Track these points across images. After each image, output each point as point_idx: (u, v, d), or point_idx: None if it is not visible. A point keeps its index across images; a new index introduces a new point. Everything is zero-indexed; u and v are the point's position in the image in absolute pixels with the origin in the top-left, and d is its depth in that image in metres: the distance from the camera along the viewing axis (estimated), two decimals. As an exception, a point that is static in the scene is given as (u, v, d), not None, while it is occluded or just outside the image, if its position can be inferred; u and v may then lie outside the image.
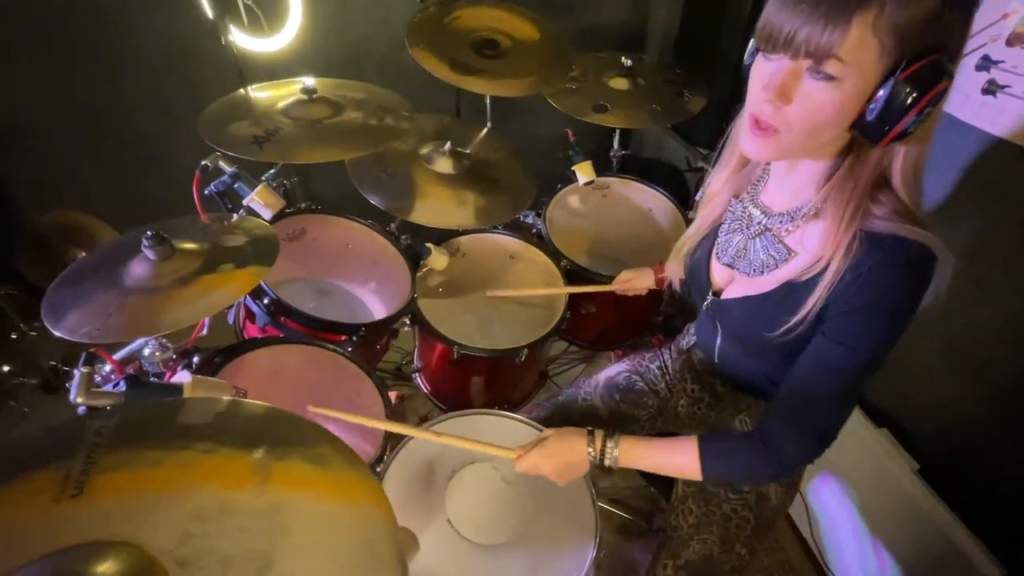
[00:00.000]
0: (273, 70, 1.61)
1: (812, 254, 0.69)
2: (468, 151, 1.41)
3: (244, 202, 0.99)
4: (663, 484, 1.13)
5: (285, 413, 0.53)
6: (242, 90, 1.20)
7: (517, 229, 1.62)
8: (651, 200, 1.60)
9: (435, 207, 1.26)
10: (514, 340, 1.22)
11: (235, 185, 0.98)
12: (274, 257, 0.79)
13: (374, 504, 0.48)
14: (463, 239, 1.42)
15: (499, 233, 1.44)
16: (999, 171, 1.05)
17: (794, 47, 0.56)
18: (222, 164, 0.99)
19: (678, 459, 0.78)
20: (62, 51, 1.56)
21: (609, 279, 1.38)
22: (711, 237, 0.87)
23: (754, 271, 0.77)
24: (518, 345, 1.20)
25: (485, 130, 1.54)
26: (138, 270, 0.74)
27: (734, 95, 1.90)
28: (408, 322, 1.22)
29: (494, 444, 0.80)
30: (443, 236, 1.37)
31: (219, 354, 0.83)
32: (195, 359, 0.82)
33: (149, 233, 0.72)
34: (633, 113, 1.49)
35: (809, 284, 0.67)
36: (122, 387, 0.62)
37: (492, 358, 1.20)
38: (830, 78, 0.56)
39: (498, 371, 1.31)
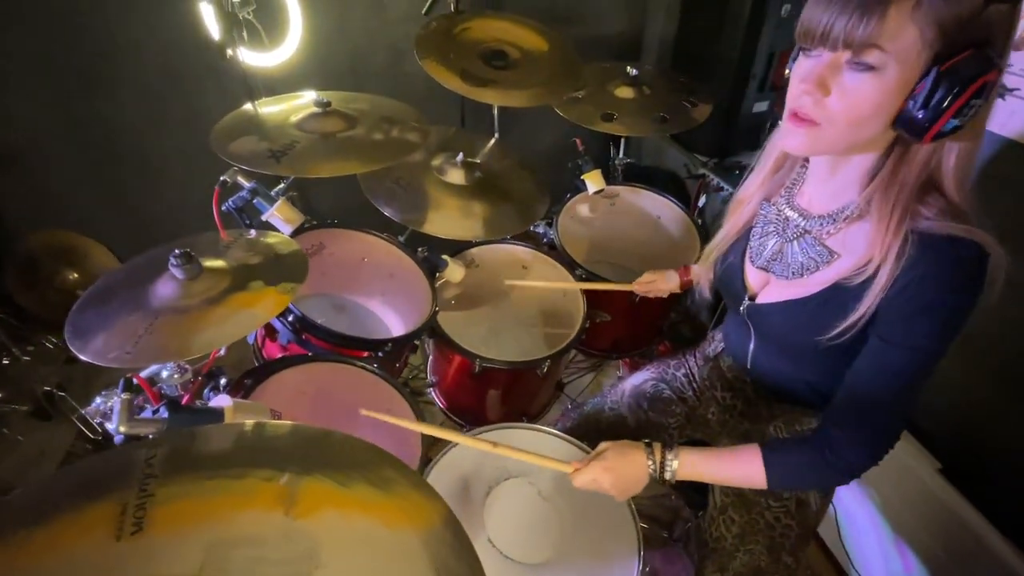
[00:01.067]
0: (272, 84, 1.59)
1: (858, 256, 0.68)
2: (479, 161, 1.40)
3: (263, 217, 0.96)
4: (693, 492, 1.12)
5: (339, 435, 0.51)
6: (249, 105, 1.18)
7: (527, 239, 1.62)
8: (660, 208, 1.61)
9: (448, 218, 1.25)
10: (526, 349, 1.20)
11: (254, 200, 0.96)
12: (304, 272, 0.76)
13: (441, 523, 0.46)
14: (475, 250, 1.40)
15: (511, 243, 1.43)
16: (1010, 172, 1.07)
17: (832, 39, 0.56)
18: (240, 179, 0.96)
19: (741, 470, 0.76)
20: (61, 68, 1.53)
21: (622, 286, 1.38)
22: (743, 241, 0.87)
23: (793, 274, 0.77)
24: (538, 357, 1.18)
25: (493, 140, 1.53)
26: (165, 290, 0.71)
27: (733, 103, 1.93)
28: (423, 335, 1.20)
29: (550, 457, 0.78)
30: (454, 248, 1.36)
31: (249, 376, 0.80)
32: (222, 381, 0.79)
33: (177, 251, 0.70)
34: (640, 121, 1.50)
35: (859, 287, 0.67)
36: (163, 414, 0.59)
37: (513, 370, 1.18)
38: (870, 68, 0.56)
39: (518, 383, 1.29)
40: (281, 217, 0.95)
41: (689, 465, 0.76)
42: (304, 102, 1.16)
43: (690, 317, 2.04)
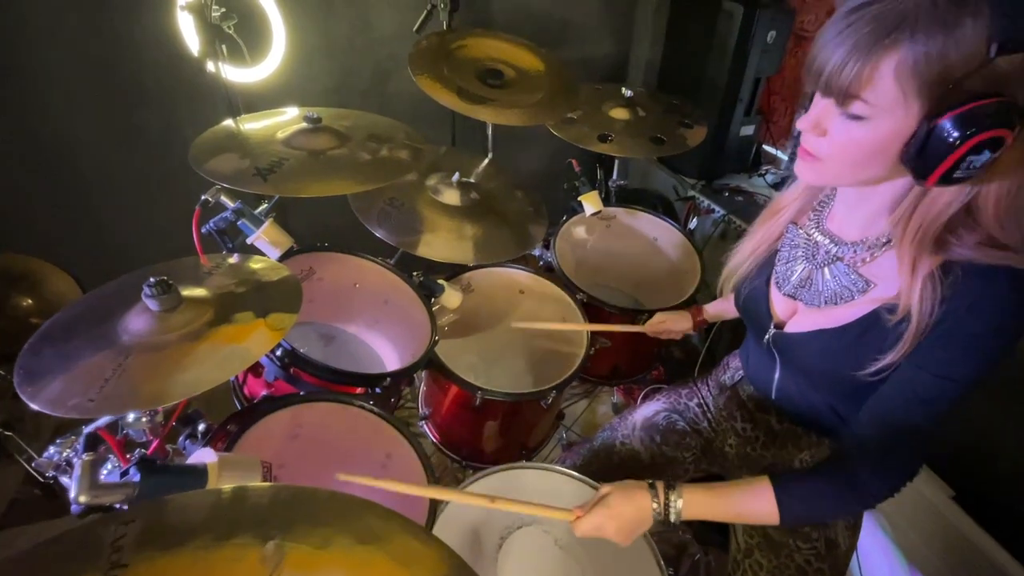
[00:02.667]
0: (253, 102, 1.52)
1: (894, 285, 0.65)
2: (474, 182, 1.35)
3: (250, 240, 0.88)
4: (704, 526, 1.06)
5: (325, 493, 0.43)
6: (230, 121, 1.10)
7: (524, 261, 1.56)
8: (656, 229, 1.58)
9: (443, 241, 1.18)
10: (521, 379, 1.14)
11: (238, 222, 0.87)
12: (298, 302, 0.68)
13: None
14: (472, 274, 1.34)
15: (508, 267, 1.37)
16: None
17: (821, 84, 0.58)
18: (224, 199, 0.88)
19: (750, 505, 0.72)
20: (23, 80, 1.42)
21: (621, 311, 1.33)
22: (768, 265, 0.83)
23: (824, 302, 0.73)
24: (538, 388, 1.12)
25: (487, 160, 1.49)
26: (137, 324, 0.62)
27: (720, 127, 1.95)
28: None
29: (550, 506, 0.70)
30: (447, 271, 1.29)
31: (233, 421, 0.71)
32: (200, 427, 0.70)
33: (152, 279, 0.61)
34: (636, 142, 1.48)
35: (897, 325, 0.63)
36: (133, 476, 0.50)
37: (518, 401, 1.11)
38: (858, 118, 0.57)
39: (519, 415, 1.21)
40: (269, 240, 0.87)
41: (694, 504, 0.71)
42: (289, 118, 1.09)
43: (681, 339, 2.01)
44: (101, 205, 1.65)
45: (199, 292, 0.67)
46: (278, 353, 0.81)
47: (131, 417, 0.77)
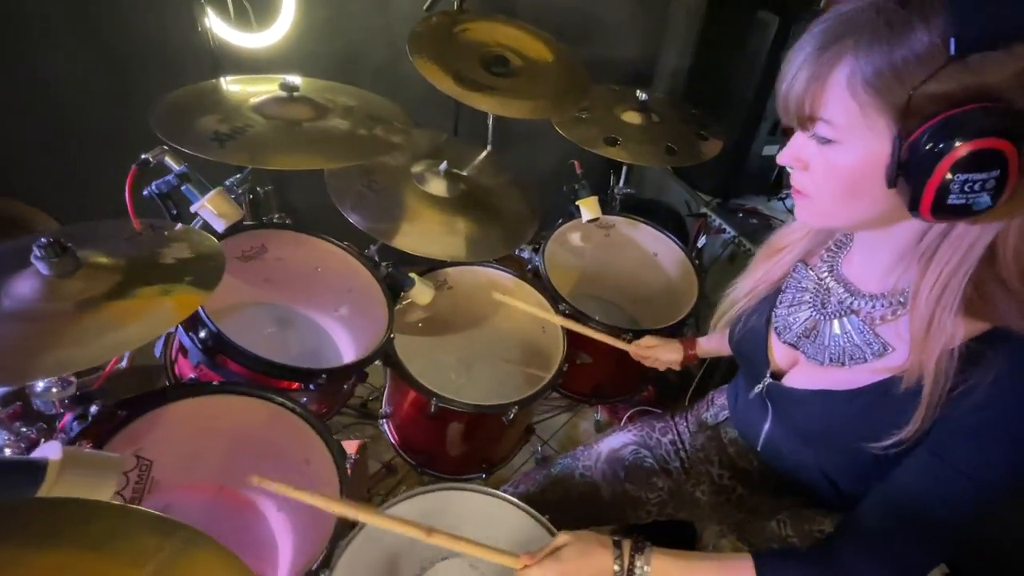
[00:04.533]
0: (255, 68, 1.46)
1: (918, 353, 0.54)
2: (465, 173, 1.27)
3: (193, 208, 0.81)
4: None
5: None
6: (214, 81, 1.04)
7: (510, 263, 1.48)
8: (657, 244, 1.48)
9: (423, 233, 1.10)
10: (496, 387, 1.06)
11: (182, 187, 0.80)
12: (215, 282, 0.61)
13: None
14: (450, 271, 1.26)
15: (491, 267, 1.28)
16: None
17: (786, 112, 0.54)
18: (168, 161, 0.81)
19: None
20: (16, 22, 1.37)
21: (608, 328, 1.24)
22: (768, 304, 0.73)
23: (830, 360, 0.63)
24: (508, 401, 1.03)
25: (485, 152, 1.40)
26: (23, 289, 0.55)
27: (742, 143, 1.83)
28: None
29: (495, 548, 0.61)
30: (429, 265, 1.21)
31: (126, 405, 0.64)
32: (92, 409, 0.62)
33: (43, 240, 0.54)
34: (645, 150, 1.38)
35: (914, 393, 0.53)
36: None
37: (476, 414, 1.03)
38: (827, 141, 0.52)
39: (480, 428, 1.13)
40: (213, 210, 0.80)
41: (663, 574, 0.61)
42: (273, 85, 1.02)
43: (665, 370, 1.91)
44: (94, 156, 1.60)
45: (105, 259, 0.60)
46: (201, 335, 0.74)
47: (40, 387, 0.71)
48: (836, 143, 0.51)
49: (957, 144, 0.43)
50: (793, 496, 0.76)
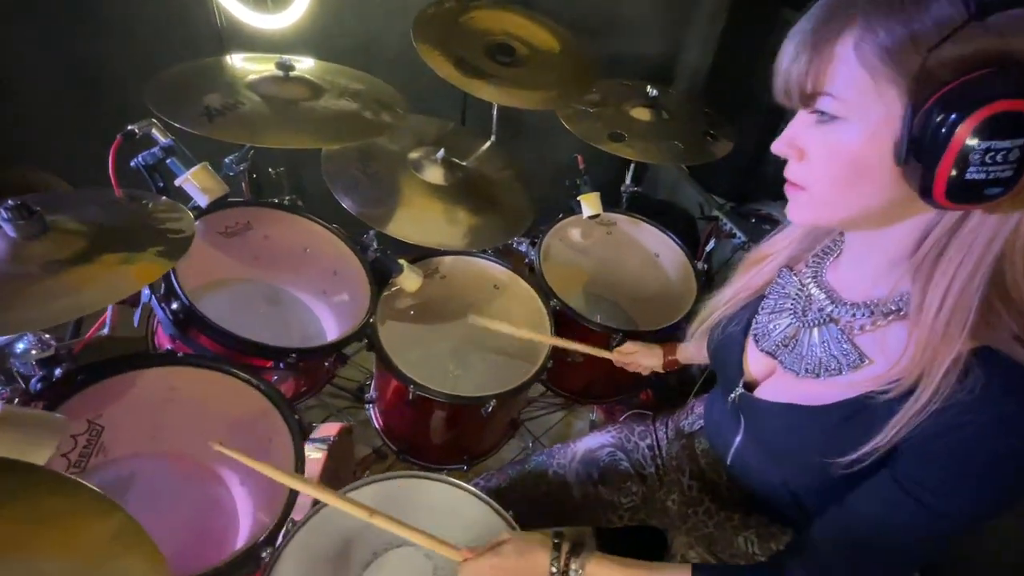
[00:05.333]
0: (272, 49, 1.47)
1: (896, 366, 0.50)
2: (465, 163, 1.25)
3: (177, 182, 0.81)
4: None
5: None
6: (217, 58, 1.04)
7: (508, 255, 1.46)
8: (660, 245, 1.44)
9: (416, 220, 1.10)
10: (489, 380, 1.05)
11: (167, 160, 0.81)
12: (179, 254, 0.61)
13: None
14: (446, 259, 1.25)
15: (486, 259, 1.27)
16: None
17: (788, 92, 0.50)
18: (156, 133, 0.82)
19: None
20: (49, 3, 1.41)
21: (600, 328, 1.21)
22: (749, 311, 0.70)
23: (806, 371, 0.60)
24: (486, 393, 1.02)
25: (488, 143, 1.39)
26: (-10, 248, 0.56)
27: (761, 144, 1.77)
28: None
29: (437, 538, 0.61)
30: (424, 253, 1.20)
31: (86, 370, 0.65)
32: (57, 371, 0.64)
33: (10, 203, 0.55)
34: (652, 147, 1.34)
35: (891, 404, 0.50)
36: None
37: (453, 404, 1.02)
38: (833, 118, 0.48)
39: (460, 419, 1.12)
40: (197, 184, 0.80)
41: None
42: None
43: (683, 370, 1.87)
44: (101, 128, 1.64)
45: (74, 225, 0.60)
46: (174, 307, 0.74)
47: (21, 347, 0.73)
48: (840, 120, 0.47)
49: (978, 109, 0.39)
50: (760, 513, 0.73)
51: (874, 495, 0.53)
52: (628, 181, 1.61)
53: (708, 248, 1.84)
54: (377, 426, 1.23)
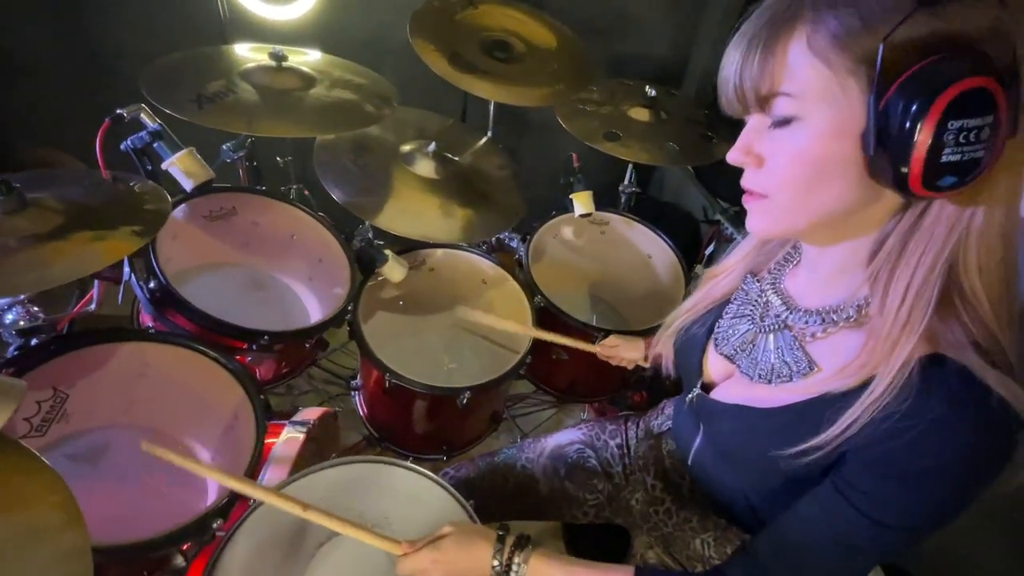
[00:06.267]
0: (280, 41, 1.50)
1: (846, 374, 0.50)
2: (457, 158, 1.26)
3: (163, 166, 0.84)
4: None
5: None
6: (219, 47, 1.08)
7: (501, 250, 1.47)
8: (653, 247, 1.44)
9: (404, 212, 1.11)
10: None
11: (155, 144, 0.84)
12: (150, 234, 0.63)
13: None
14: (436, 252, 1.26)
15: (477, 253, 1.28)
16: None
17: (740, 99, 0.48)
18: (144, 118, 0.85)
19: None
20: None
21: (584, 327, 1.21)
22: (714, 314, 0.70)
23: (759, 376, 0.59)
24: (462, 385, 1.03)
25: (484, 139, 1.40)
26: (-29, 221, 0.59)
27: (766, 151, 1.75)
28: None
29: (375, 532, 0.61)
30: (414, 245, 1.22)
31: (57, 341, 0.68)
32: (34, 342, 0.67)
33: (-10, 177, 0.58)
34: (647, 147, 1.34)
35: (842, 404, 0.49)
36: None
37: (429, 394, 1.03)
38: (790, 120, 0.46)
39: (437, 410, 1.13)
40: (182, 168, 0.83)
41: (540, 574, 0.60)
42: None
43: (635, 369, 1.85)
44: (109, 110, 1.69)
45: (53, 202, 0.63)
46: (151, 286, 0.77)
47: (9, 318, 0.76)
48: (799, 121, 0.46)
49: (947, 88, 0.38)
50: (718, 515, 0.73)
51: (815, 500, 0.52)
52: (627, 181, 1.60)
53: (708, 251, 1.83)
54: (362, 414, 1.26)
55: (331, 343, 1.23)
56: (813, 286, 0.58)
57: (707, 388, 0.68)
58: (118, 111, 0.83)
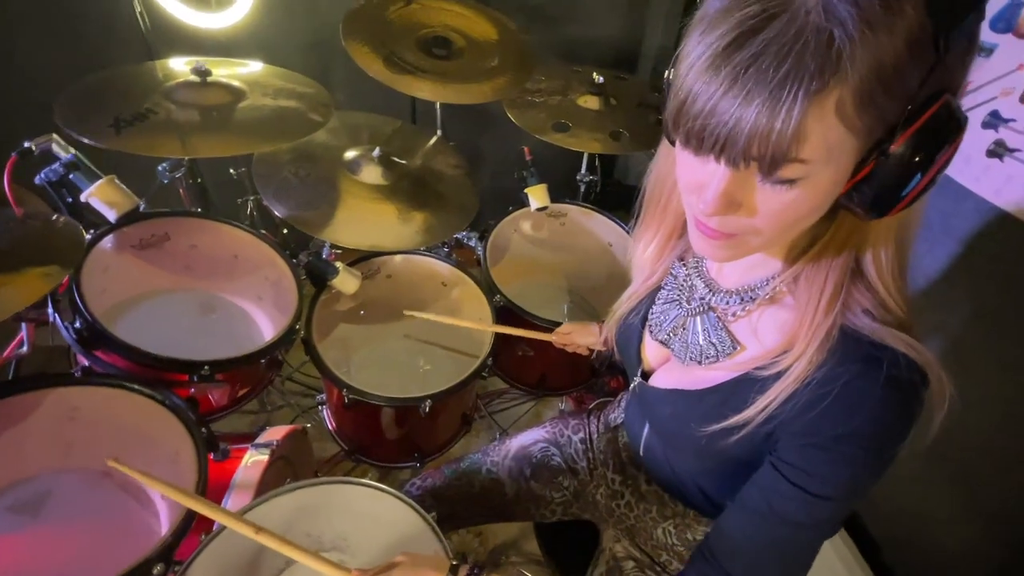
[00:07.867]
0: (216, 51, 1.44)
1: (768, 350, 0.52)
2: (404, 161, 1.24)
3: (83, 197, 0.80)
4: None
5: None
6: (141, 64, 1.03)
7: (460, 251, 1.45)
8: (611, 235, 1.43)
9: (352, 223, 1.08)
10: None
11: (70, 176, 0.80)
12: (61, 275, 0.60)
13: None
14: (393, 259, 1.24)
15: (433, 256, 1.26)
16: (1000, 249, 0.88)
17: (733, 154, 0.39)
18: (56, 149, 0.81)
19: None
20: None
21: (545, 322, 1.21)
22: (649, 300, 0.70)
23: (690, 358, 0.60)
24: (426, 393, 1.02)
25: (435, 138, 1.37)
26: None
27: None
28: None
29: (325, 559, 0.60)
30: (365, 254, 1.19)
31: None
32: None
33: None
34: (597, 136, 1.32)
35: (766, 380, 0.51)
36: None
37: (388, 406, 1.02)
38: (791, 182, 0.41)
39: (403, 420, 1.12)
40: (102, 199, 0.79)
41: None
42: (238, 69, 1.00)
43: (592, 354, 1.86)
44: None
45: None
46: (76, 324, 0.74)
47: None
48: (800, 179, 0.41)
49: (955, 137, 0.38)
50: (676, 505, 0.74)
51: (760, 487, 0.53)
52: (584, 170, 1.59)
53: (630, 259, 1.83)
54: (330, 427, 1.24)
55: (299, 357, 1.21)
56: (735, 268, 0.59)
57: (647, 376, 0.68)
58: (25, 144, 0.79)
